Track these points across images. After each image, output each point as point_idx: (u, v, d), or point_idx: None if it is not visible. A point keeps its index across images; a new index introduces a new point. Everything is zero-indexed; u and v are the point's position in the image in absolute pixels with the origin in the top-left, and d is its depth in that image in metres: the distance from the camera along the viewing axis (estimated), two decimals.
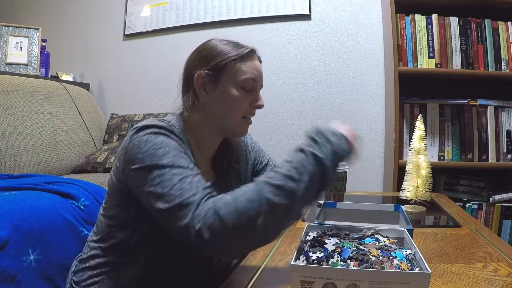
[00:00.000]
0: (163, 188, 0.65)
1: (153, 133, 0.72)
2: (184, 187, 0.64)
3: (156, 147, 0.70)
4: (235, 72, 0.82)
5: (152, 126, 0.74)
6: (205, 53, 0.85)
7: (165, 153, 0.69)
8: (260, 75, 0.87)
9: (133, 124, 2.10)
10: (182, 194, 0.64)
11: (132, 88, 2.40)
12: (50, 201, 1.07)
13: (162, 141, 0.71)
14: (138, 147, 0.71)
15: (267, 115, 2.11)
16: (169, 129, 0.75)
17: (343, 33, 2.07)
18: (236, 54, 0.83)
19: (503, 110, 1.69)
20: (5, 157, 1.51)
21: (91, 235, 0.91)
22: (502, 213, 1.64)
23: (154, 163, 0.68)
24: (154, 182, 0.67)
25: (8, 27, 2.11)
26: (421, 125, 1.21)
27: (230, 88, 0.82)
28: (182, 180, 0.65)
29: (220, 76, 0.82)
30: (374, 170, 2.03)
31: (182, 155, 0.71)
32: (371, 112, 2.03)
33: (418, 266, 0.60)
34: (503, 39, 1.68)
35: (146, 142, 0.71)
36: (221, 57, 0.83)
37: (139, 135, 0.72)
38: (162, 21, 2.30)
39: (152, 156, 0.69)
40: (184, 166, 0.68)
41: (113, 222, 0.82)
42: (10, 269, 0.86)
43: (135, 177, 0.71)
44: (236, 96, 0.83)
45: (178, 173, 0.66)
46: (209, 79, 0.83)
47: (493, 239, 0.89)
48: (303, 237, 0.70)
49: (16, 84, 1.69)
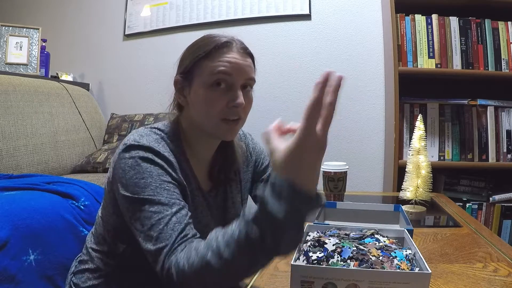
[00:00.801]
0: (142, 226, 0.67)
1: (139, 157, 0.71)
2: (160, 228, 0.65)
3: (139, 177, 0.69)
4: (203, 71, 0.76)
5: (138, 147, 0.72)
6: (181, 56, 0.82)
7: (146, 185, 0.68)
8: (235, 67, 0.75)
9: (133, 124, 2.12)
10: (157, 237, 0.64)
11: (132, 88, 2.40)
12: (50, 201, 1.07)
13: (146, 170, 0.70)
14: (123, 171, 0.71)
15: (267, 115, 2.11)
16: (155, 151, 0.73)
17: (343, 33, 2.07)
18: (203, 52, 0.76)
19: (503, 110, 1.69)
20: (5, 157, 1.51)
21: (90, 236, 0.90)
22: (502, 213, 1.64)
23: (136, 195, 0.68)
24: (135, 216, 0.68)
25: (8, 27, 2.11)
26: (421, 125, 1.21)
27: (200, 89, 0.76)
28: (160, 221, 0.66)
29: (191, 78, 0.78)
30: (374, 170, 2.03)
31: (164, 185, 0.70)
32: (371, 112, 2.03)
33: (418, 266, 0.60)
34: (503, 39, 1.68)
35: (130, 168, 0.70)
36: (189, 58, 0.79)
37: (125, 156, 0.72)
38: (162, 21, 2.30)
39: (134, 186, 0.69)
40: (163, 202, 0.67)
41: (110, 227, 0.82)
42: (10, 269, 0.86)
43: (120, 199, 0.73)
44: (207, 96, 0.75)
45: (157, 212, 0.66)
46: (184, 84, 0.80)
47: (493, 239, 0.89)
48: (303, 237, 0.70)
49: (16, 84, 1.69)
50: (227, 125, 0.77)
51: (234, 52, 0.77)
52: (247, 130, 1.03)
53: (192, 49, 0.80)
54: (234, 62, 0.76)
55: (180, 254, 0.62)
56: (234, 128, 0.79)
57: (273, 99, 2.11)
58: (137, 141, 0.73)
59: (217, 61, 0.75)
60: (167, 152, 0.75)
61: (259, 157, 1.02)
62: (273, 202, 0.51)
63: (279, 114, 2.10)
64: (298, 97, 2.10)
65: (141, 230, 0.67)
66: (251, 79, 0.80)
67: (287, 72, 2.13)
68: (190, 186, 0.80)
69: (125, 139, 0.75)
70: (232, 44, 0.78)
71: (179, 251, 0.63)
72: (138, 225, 0.68)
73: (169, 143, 0.78)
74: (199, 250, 0.59)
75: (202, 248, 0.59)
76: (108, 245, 0.83)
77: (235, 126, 0.79)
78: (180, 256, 0.61)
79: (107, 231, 0.82)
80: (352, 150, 2.05)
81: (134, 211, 0.69)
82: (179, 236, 0.65)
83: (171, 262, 0.62)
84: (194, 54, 0.78)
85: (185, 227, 0.66)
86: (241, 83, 0.77)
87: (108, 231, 0.82)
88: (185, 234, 0.66)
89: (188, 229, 0.67)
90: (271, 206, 0.51)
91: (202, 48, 0.77)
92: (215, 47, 0.76)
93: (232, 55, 0.76)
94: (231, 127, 0.78)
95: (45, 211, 1.01)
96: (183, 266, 0.59)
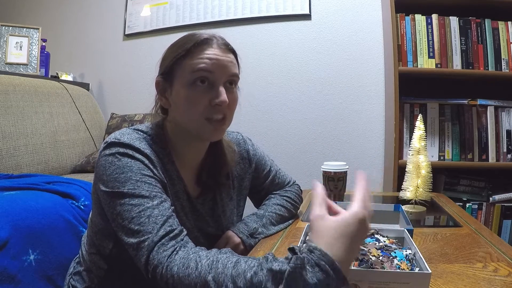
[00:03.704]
0: (122, 220, 0.65)
1: (118, 153, 0.70)
2: (142, 221, 0.63)
3: (118, 171, 0.69)
4: (183, 70, 0.74)
5: (118, 144, 0.72)
6: (162, 56, 0.81)
7: (127, 179, 0.68)
8: (216, 64, 0.73)
9: (133, 124, 2.12)
10: (139, 231, 0.63)
11: (132, 88, 2.40)
12: (50, 201, 1.07)
13: (125, 164, 0.69)
14: (104, 168, 0.70)
15: (267, 115, 2.12)
16: (134, 147, 0.72)
17: (343, 33, 2.07)
18: (183, 50, 0.74)
19: (503, 110, 1.69)
20: (5, 157, 1.51)
21: (84, 238, 0.90)
22: (502, 213, 1.64)
23: (116, 189, 0.67)
24: (115, 211, 0.67)
25: (8, 27, 2.11)
26: (421, 125, 1.21)
27: (181, 89, 0.74)
28: (141, 213, 0.64)
29: (171, 79, 0.76)
30: (374, 170, 2.03)
31: (145, 179, 0.69)
32: (371, 112, 2.03)
33: (418, 266, 0.60)
34: (503, 39, 1.68)
35: (110, 164, 0.70)
36: (169, 58, 0.77)
37: (105, 153, 0.72)
38: (162, 21, 2.30)
39: (114, 181, 0.68)
40: (144, 195, 0.66)
41: (96, 229, 0.81)
42: (10, 269, 0.86)
43: (101, 196, 0.72)
44: (188, 96, 0.73)
45: (138, 204, 0.65)
46: (165, 85, 0.78)
47: (493, 239, 0.89)
48: (303, 237, 0.70)
49: (16, 84, 1.69)
50: (212, 125, 0.75)
51: (214, 49, 0.74)
52: (247, 131, 1.02)
53: (173, 48, 0.78)
54: (215, 59, 0.73)
55: (174, 257, 0.59)
56: (219, 128, 0.77)
57: (273, 99, 2.11)
58: (118, 139, 0.73)
59: (197, 59, 0.73)
60: (149, 150, 0.74)
61: (259, 163, 1.00)
62: (310, 270, 0.48)
63: (279, 114, 2.12)
64: (298, 97, 2.10)
65: (122, 225, 0.65)
66: (233, 75, 0.77)
67: (287, 72, 2.13)
68: (174, 187, 0.78)
69: (107, 138, 0.75)
70: (213, 40, 0.75)
71: (171, 251, 0.60)
72: (119, 220, 0.66)
73: (151, 144, 0.76)
74: (200, 265, 0.56)
75: (204, 263, 0.57)
76: (96, 247, 0.82)
77: (221, 126, 0.77)
78: (175, 259, 0.59)
79: (94, 233, 0.82)
80: (352, 150, 2.05)
81: (115, 206, 0.67)
82: (162, 228, 0.63)
83: (160, 260, 0.59)
84: (174, 53, 0.76)
85: (167, 219, 0.65)
86: (224, 80, 0.75)
87: (95, 233, 0.81)
88: (170, 226, 0.64)
89: (172, 221, 0.65)
90: (306, 272, 0.48)
91: (182, 47, 0.75)
92: (194, 45, 0.74)
93: (212, 51, 0.73)
94: (217, 127, 0.76)
95: (45, 211, 1.01)
96: (177, 272, 0.57)
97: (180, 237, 0.64)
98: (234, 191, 0.94)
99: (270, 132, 2.13)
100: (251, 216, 0.93)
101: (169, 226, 0.64)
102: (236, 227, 0.89)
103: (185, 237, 0.65)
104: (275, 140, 2.13)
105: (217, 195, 0.89)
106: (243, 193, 0.97)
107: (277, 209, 0.96)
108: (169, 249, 0.61)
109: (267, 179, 1.02)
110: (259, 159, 1.00)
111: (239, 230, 0.87)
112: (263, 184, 1.02)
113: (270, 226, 0.92)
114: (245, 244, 0.86)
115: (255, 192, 1.03)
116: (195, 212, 0.84)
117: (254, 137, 1.07)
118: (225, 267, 0.55)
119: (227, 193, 0.92)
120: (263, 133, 2.12)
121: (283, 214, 0.97)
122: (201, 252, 0.60)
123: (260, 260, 0.53)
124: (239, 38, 2.16)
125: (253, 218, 0.92)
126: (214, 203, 0.88)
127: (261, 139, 2.12)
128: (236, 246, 0.85)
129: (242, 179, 0.96)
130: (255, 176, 1.00)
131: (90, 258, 0.83)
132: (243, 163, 0.96)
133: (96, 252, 0.82)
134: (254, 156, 0.99)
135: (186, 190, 0.82)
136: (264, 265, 0.51)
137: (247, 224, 0.90)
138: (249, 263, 0.54)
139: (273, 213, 0.95)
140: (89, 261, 0.83)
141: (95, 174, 0.74)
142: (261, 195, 1.04)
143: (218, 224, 0.89)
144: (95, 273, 0.82)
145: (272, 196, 1.02)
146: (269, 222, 0.92)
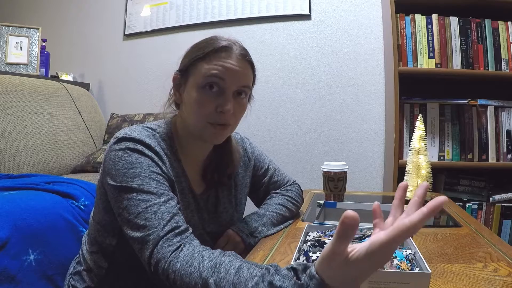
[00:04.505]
0: (129, 214, 0.66)
1: (128, 149, 0.71)
2: (148, 217, 0.64)
3: (128, 167, 0.70)
4: (198, 72, 0.76)
5: (129, 139, 0.73)
6: (184, 53, 0.82)
7: (136, 175, 0.69)
8: (230, 73, 0.74)
9: (133, 124, 2.11)
10: (145, 225, 0.64)
11: (132, 88, 2.40)
12: (50, 201, 1.07)
13: (135, 160, 0.70)
14: (113, 163, 0.71)
15: (267, 115, 2.12)
16: (145, 143, 0.73)
17: (343, 33, 2.07)
18: (201, 53, 0.76)
19: (503, 110, 1.69)
20: (5, 157, 1.51)
21: (84, 237, 0.91)
22: (502, 213, 1.64)
23: (124, 184, 0.68)
24: (122, 205, 0.68)
25: (8, 27, 2.11)
26: (421, 125, 1.21)
27: (192, 89, 0.76)
28: (147, 209, 0.65)
29: (186, 77, 0.78)
30: (374, 170, 2.03)
31: (154, 176, 0.70)
32: (371, 112, 2.03)
33: (418, 266, 0.60)
34: (503, 39, 1.68)
35: (120, 159, 0.71)
36: (188, 57, 0.79)
37: (115, 148, 0.72)
38: (162, 21, 2.30)
39: (123, 176, 0.69)
40: (152, 192, 0.68)
41: (101, 227, 0.81)
42: (10, 269, 0.86)
43: (109, 190, 0.73)
44: (196, 98, 0.75)
45: (145, 200, 0.66)
46: (181, 81, 0.80)
47: (493, 239, 0.89)
48: (303, 237, 0.70)
49: (16, 84, 1.69)
50: (214, 129, 0.77)
51: (231, 58, 0.76)
52: (247, 131, 1.03)
53: (194, 48, 0.80)
54: (229, 68, 0.75)
55: (178, 253, 0.60)
56: (220, 132, 0.79)
57: (273, 99, 2.11)
58: (128, 134, 0.74)
59: (213, 64, 0.75)
60: (158, 147, 0.76)
61: (258, 160, 1.02)
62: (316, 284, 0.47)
63: (280, 114, 2.11)
64: (298, 97, 2.10)
65: (128, 219, 0.66)
66: (244, 86, 0.79)
67: (287, 72, 2.13)
68: (180, 185, 0.80)
69: (117, 133, 0.76)
70: (232, 48, 0.77)
71: (176, 247, 0.61)
72: (125, 214, 0.67)
73: (160, 141, 0.78)
74: (203, 266, 0.57)
75: (207, 264, 0.57)
76: (99, 245, 0.82)
77: (222, 131, 0.79)
78: (179, 255, 0.60)
79: (97, 231, 0.82)
80: (352, 150, 2.05)
81: (122, 200, 0.68)
82: (169, 224, 0.64)
83: (164, 254, 0.60)
84: (193, 54, 0.78)
85: (174, 216, 0.66)
86: (233, 89, 0.77)
87: (98, 230, 0.82)
88: (176, 222, 0.65)
89: (178, 218, 0.66)
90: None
91: (202, 49, 0.77)
92: (213, 50, 0.75)
93: (228, 59, 0.75)
94: (218, 131, 0.78)
95: (45, 211, 1.01)
96: (179, 269, 0.58)
97: (185, 234, 0.65)
98: (235, 190, 0.95)
99: (270, 132, 2.13)
100: (252, 215, 0.94)
101: (175, 222, 0.65)
102: (236, 226, 0.90)
103: (190, 235, 0.66)
104: (275, 140, 2.13)
105: (220, 192, 0.91)
106: (243, 191, 0.98)
107: (278, 208, 0.97)
108: (174, 245, 0.62)
109: (265, 176, 1.03)
110: (257, 157, 1.02)
111: (240, 229, 0.88)
112: (262, 182, 1.04)
113: (271, 226, 0.93)
114: (245, 243, 0.86)
115: (254, 190, 1.04)
116: (199, 209, 0.86)
117: (254, 137, 1.07)
118: (227, 272, 0.55)
119: (228, 191, 0.93)
120: (263, 133, 2.12)
121: (284, 214, 0.97)
122: (205, 252, 0.61)
123: (263, 271, 0.53)
124: (239, 38, 2.14)
125: (253, 217, 0.93)
126: (217, 200, 0.90)
127: (261, 139, 2.12)
128: (236, 245, 0.86)
129: (243, 177, 0.98)
130: (254, 174, 1.02)
131: (91, 257, 0.84)
132: (242, 162, 0.98)
133: (98, 251, 0.82)
134: (252, 154, 1.01)
135: (191, 187, 0.83)
136: (266, 276, 0.51)
137: (247, 223, 0.90)
138: (251, 271, 0.54)
139: (274, 212, 0.95)
140: (90, 261, 0.84)
141: (103, 167, 0.74)
142: (260, 193, 1.05)
143: (220, 222, 0.90)
144: (95, 273, 0.82)
145: (273, 195, 1.02)
146: (270, 222, 0.93)
